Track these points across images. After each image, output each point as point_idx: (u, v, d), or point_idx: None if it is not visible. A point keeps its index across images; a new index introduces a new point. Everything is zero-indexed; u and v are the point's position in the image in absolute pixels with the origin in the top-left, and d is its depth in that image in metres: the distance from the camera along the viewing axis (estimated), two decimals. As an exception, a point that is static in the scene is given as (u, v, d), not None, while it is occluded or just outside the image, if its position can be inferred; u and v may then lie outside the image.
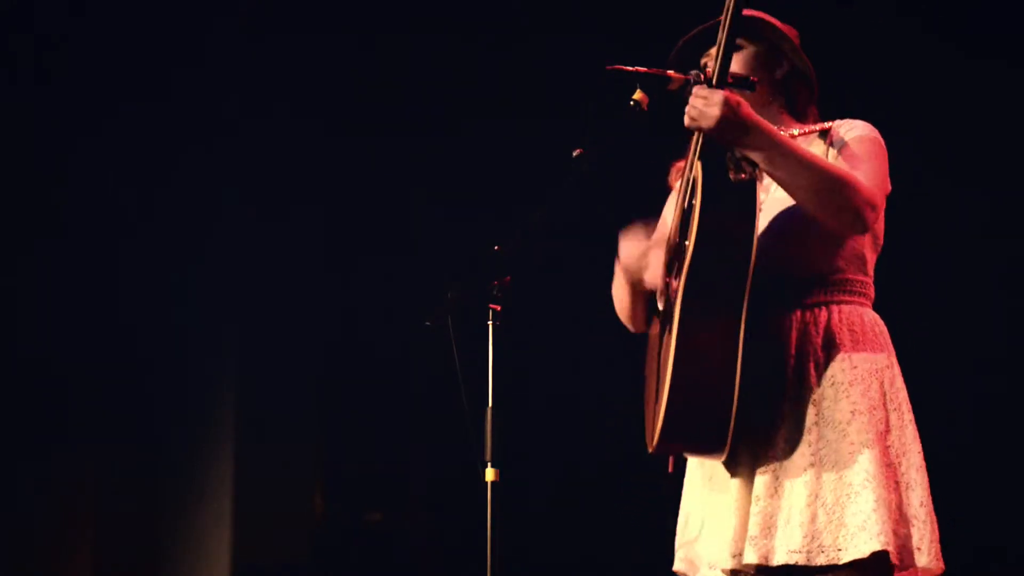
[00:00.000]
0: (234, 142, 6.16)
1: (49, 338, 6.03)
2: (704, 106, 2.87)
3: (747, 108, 2.88)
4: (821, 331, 3.02)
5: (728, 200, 2.89)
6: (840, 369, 2.99)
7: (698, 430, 2.93)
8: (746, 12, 3.18)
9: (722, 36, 2.88)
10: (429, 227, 6.03)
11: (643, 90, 3.14)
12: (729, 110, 2.85)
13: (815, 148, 3.10)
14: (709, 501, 3.09)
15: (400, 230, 6.09)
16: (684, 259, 2.91)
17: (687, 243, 2.92)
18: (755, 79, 3.03)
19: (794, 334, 3.02)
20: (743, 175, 2.88)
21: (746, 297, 2.88)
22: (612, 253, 3.34)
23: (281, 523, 6.16)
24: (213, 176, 6.18)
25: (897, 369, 3.07)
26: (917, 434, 3.03)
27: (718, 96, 2.85)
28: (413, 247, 5.99)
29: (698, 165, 2.93)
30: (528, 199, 3.22)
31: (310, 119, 6.12)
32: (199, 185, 6.18)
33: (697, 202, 2.89)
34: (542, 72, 5.70)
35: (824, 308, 3.04)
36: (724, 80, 2.88)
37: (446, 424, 3.91)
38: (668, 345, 2.95)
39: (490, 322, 3.20)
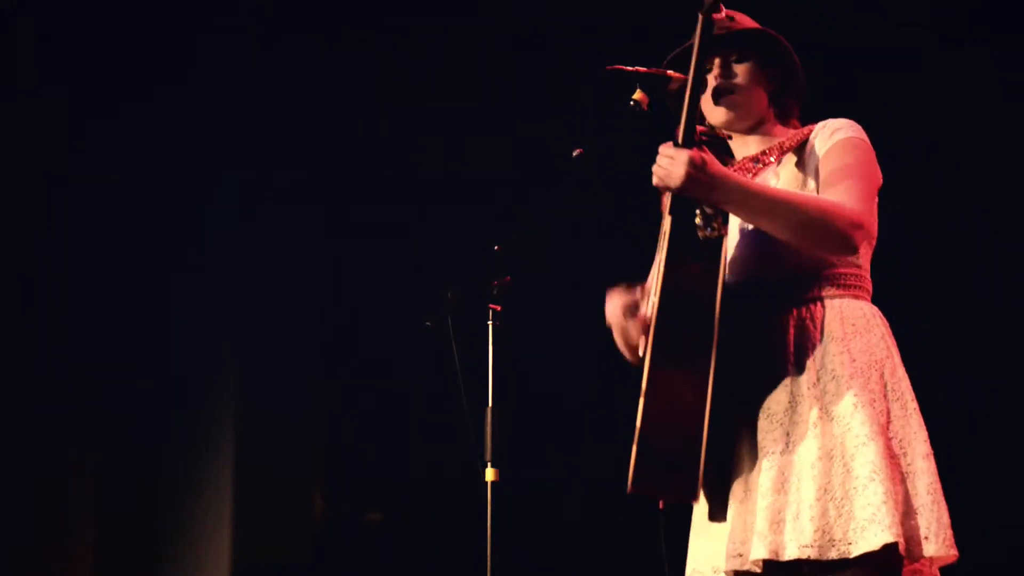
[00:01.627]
0: (233, 141, 6.16)
1: (48, 338, 6.03)
2: (669, 166, 2.88)
3: (713, 164, 2.88)
4: (818, 325, 3.03)
5: (694, 258, 2.91)
6: (840, 363, 3.00)
7: (668, 476, 2.92)
8: (750, 24, 3.21)
9: (687, 95, 2.89)
10: (429, 227, 6.02)
11: (643, 90, 3.15)
12: (694, 169, 2.86)
13: (791, 162, 3.12)
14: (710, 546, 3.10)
15: (400, 230, 6.09)
16: (649, 329, 2.92)
17: (653, 299, 2.93)
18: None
19: (792, 331, 3.03)
20: (712, 232, 2.90)
21: (713, 353, 2.89)
22: (611, 253, 3.34)
23: (281, 523, 6.16)
24: (213, 174, 6.18)
25: (898, 359, 3.07)
26: (922, 422, 3.02)
27: (683, 156, 2.86)
28: (413, 247, 5.99)
29: (667, 220, 2.94)
30: (528, 199, 3.22)
31: (309, 118, 6.12)
32: (198, 184, 6.18)
33: (662, 257, 2.92)
34: (542, 72, 5.70)
35: (819, 303, 3.05)
36: (691, 137, 2.89)
37: (446, 424, 3.91)
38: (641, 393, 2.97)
39: (490, 322, 3.20)
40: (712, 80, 3.19)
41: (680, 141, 2.89)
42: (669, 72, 3.18)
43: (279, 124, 6.11)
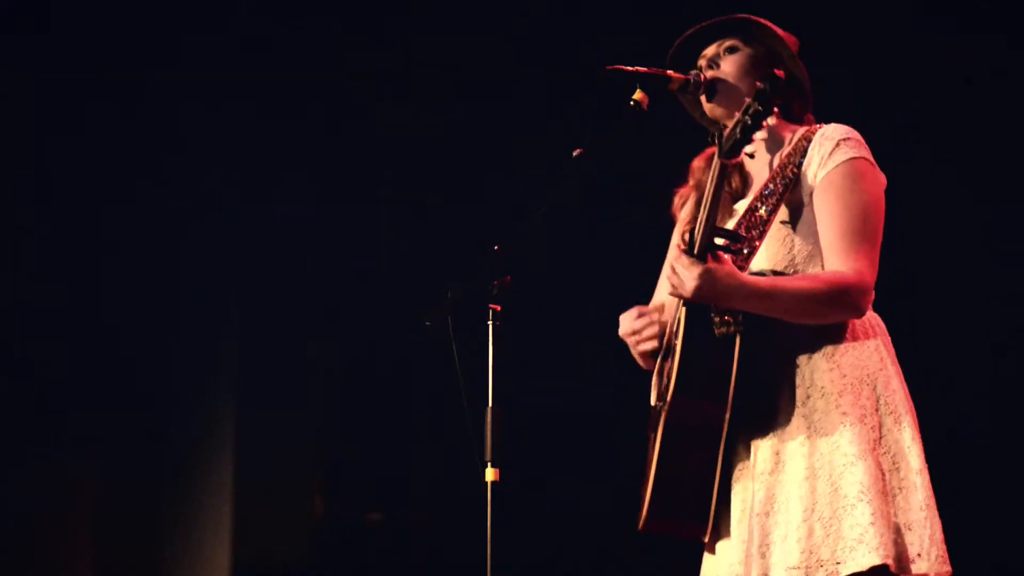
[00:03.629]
0: (233, 139, 6.16)
1: (49, 338, 6.03)
2: (682, 278, 2.90)
3: (725, 277, 2.89)
4: (808, 339, 3.00)
5: (709, 355, 2.95)
6: (829, 380, 2.97)
7: (680, 519, 3.06)
8: (744, 16, 3.20)
9: (705, 208, 2.90)
10: (429, 227, 6.02)
11: (643, 90, 3.14)
12: (705, 283, 2.87)
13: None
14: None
15: (400, 230, 6.09)
16: (664, 404, 2.99)
17: (665, 398, 2.99)
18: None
19: (781, 349, 3.01)
20: (728, 329, 2.93)
21: (723, 436, 2.96)
22: (611, 254, 3.34)
23: (281, 523, 6.15)
24: (213, 175, 6.18)
25: (893, 369, 3.03)
26: (917, 435, 2.98)
27: (695, 271, 2.88)
28: (413, 247, 5.99)
29: (683, 310, 2.97)
30: (528, 199, 3.21)
31: (308, 117, 6.12)
32: (198, 185, 6.17)
33: (677, 352, 2.96)
34: (543, 72, 5.69)
35: None
36: (705, 249, 2.90)
37: (446, 424, 3.91)
38: (654, 448, 3.05)
39: (490, 322, 3.20)
40: (705, 73, 3.19)
41: (695, 252, 2.90)
42: (669, 72, 3.18)
43: (279, 122, 6.11)
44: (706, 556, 3.12)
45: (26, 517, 6.06)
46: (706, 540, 3.04)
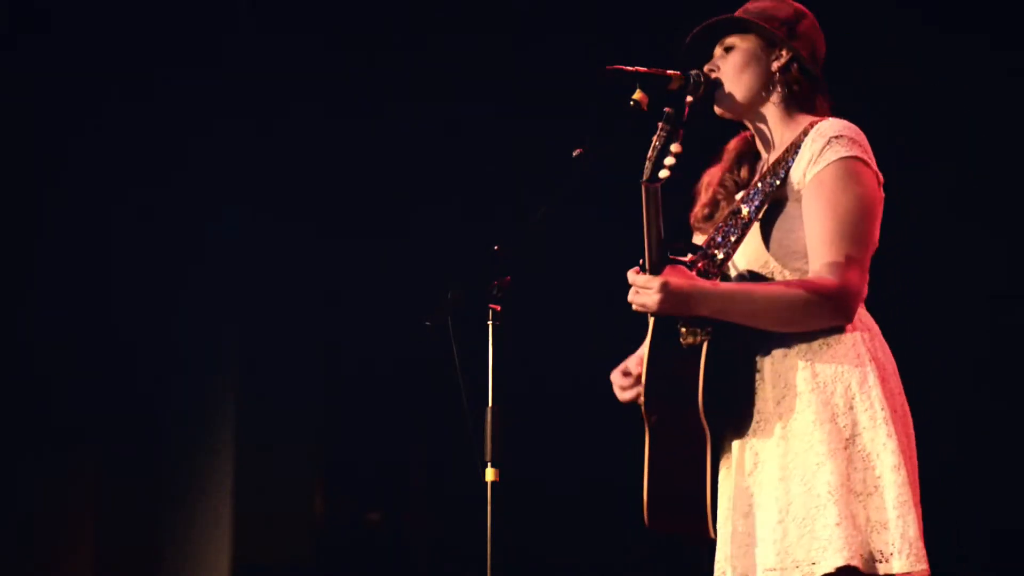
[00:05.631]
0: (233, 140, 6.16)
1: (49, 338, 6.03)
2: (644, 295, 2.91)
3: (685, 284, 2.91)
4: (783, 339, 2.98)
5: (675, 366, 2.98)
6: (803, 379, 2.95)
7: (680, 518, 3.06)
8: (725, 16, 3.18)
9: (646, 228, 2.92)
10: (429, 227, 6.02)
11: (643, 90, 3.14)
12: (666, 294, 2.89)
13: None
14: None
15: (400, 230, 6.09)
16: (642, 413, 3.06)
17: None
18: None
19: (755, 346, 3.00)
20: (695, 339, 2.95)
21: (707, 439, 2.96)
22: (611, 254, 3.34)
23: (281, 523, 6.15)
24: (212, 175, 6.18)
25: (873, 365, 2.95)
26: (893, 431, 2.91)
27: (654, 284, 2.89)
28: (413, 247, 5.99)
29: (651, 323, 3.01)
30: (528, 199, 3.22)
31: (309, 118, 6.12)
32: (198, 184, 6.17)
33: (644, 365, 3.03)
34: (543, 72, 5.69)
35: None
36: (659, 262, 2.92)
37: (446, 424, 3.91)
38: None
39: (490, 322, 3.20)
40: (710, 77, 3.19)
41: (648, 268, 2.93)
42: (669, 72, 3.18)
43: (278, 123, 6.11)
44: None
45: (26, 517, 6.06)
46: (713, 537, 3.04)
